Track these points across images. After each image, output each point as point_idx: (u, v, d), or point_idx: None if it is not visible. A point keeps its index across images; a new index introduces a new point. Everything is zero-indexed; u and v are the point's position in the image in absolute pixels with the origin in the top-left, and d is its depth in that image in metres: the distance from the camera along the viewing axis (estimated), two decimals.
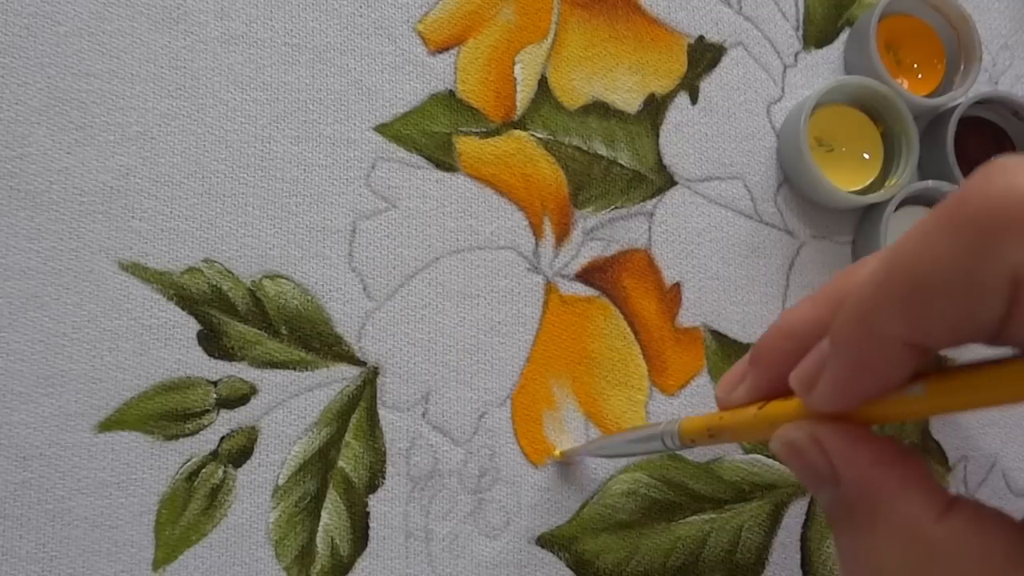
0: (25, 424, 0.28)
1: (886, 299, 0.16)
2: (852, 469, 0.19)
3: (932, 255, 0.15)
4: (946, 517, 0.17)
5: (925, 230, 0.16)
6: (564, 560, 0.30)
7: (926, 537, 0.17)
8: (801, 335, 0.21)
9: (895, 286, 0.16)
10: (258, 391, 0.30)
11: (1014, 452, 0.33)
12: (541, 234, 0.32)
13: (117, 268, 0.29)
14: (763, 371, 0.22)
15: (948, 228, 0.15)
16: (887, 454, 0.19)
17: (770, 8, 0.34)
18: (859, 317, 0.17)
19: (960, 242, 0.15)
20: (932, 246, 0.15)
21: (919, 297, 0.16)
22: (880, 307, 0.17)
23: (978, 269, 0.15)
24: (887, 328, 0.17)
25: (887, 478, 0.18)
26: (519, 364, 0.31)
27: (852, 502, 0.19)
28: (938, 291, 0.15)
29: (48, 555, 0.28)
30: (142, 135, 0.30)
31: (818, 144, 0.32)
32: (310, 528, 0.29)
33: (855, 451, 0.19)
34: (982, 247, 0.15)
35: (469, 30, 0.32)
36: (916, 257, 0.16)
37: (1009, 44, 0.35)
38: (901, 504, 0.18)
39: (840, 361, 0.18)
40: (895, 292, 0.16)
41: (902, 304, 0.16)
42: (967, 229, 0.15)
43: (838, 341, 0.18)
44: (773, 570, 0.31)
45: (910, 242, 0.16)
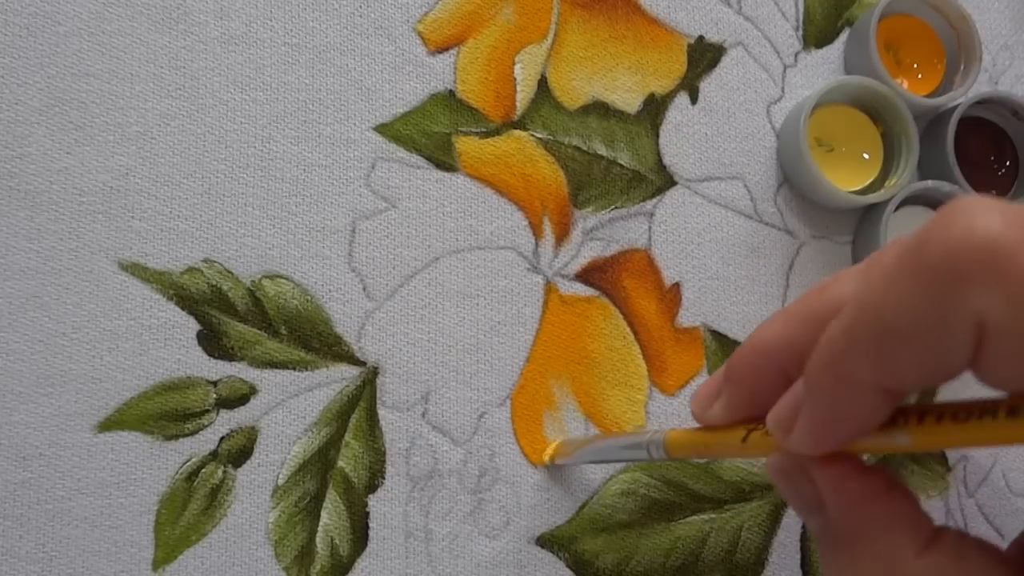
0: (25, 424, 0.28)
1: (855, 345, 0.16)
2: (838, 501, 0.19)
3: (897, 301, 0.15)
4: (927, 552, 0.17)
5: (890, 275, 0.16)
6: (564, 560, 0.30)
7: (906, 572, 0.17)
8: (773, 353, 0.21)
9: (863, 332, 0.16)
10: (258, 391, 0.30)
11: (1014, 452, 0.33)
12: (541, 234, 0.32)
13: (117, 268, 0.30)
14: (737, 388, 0.22)
15: (911, 274, 0.15)
16: (874, 487, 0.19)
17: (770, 8, 0.34)
18: (830, 363, 0.17)
19: (922, 289, 0.15)
20: (896, 292, 0.15)
21: (887, 343, 0.16)
22: (850, 353, 0.17)
23: (942, 316, 0.15)
24: (858, 374, 0.17)
25: (872, 511, 0.18)
26: (519, 364, 0.31)
27: (837, 531, 0.19)
28: (905, 337, 0.15)
29: (48, 555, 0.28)
30: (142, 135, 0.30)
31: (818, 144, 0.32)
32: (310, 528, 0.29)
33: (842, 483, 0.19)
34: (944, 294, 0.15)
35: (469, 30, 0.32)
36: (882, 303, 0.16)
37: (1009, 44, 0.35)
38: (883, 538, 0.18)
39: (814, 406, 0.18)
40: (863, 338, 0.16)
41: (871, 350, 0.16)
42: (928, 276, 0.15)
43: (811, 387, 0.18)
44: (773, 570, 0.31)
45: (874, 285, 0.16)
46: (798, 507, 0.20)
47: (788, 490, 0.20)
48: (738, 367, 0.22)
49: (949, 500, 0.32)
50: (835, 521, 0.19)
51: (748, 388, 0.21)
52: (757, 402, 0.21)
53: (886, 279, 0.16)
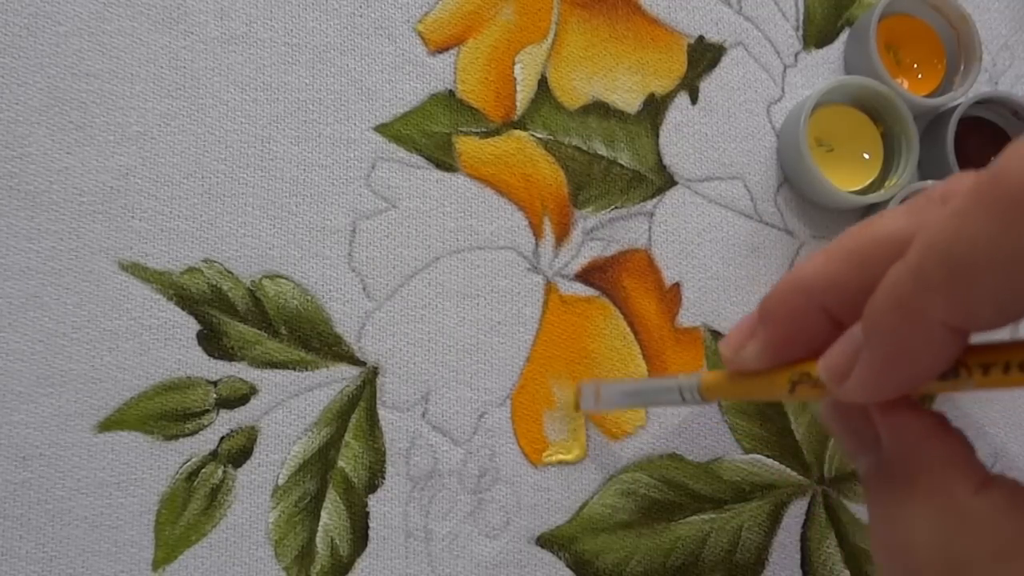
0: (25, 424, 0.28)
1: (925, 283, 0.16)
2: (896, 438, 0.19)
3: (970, 234, 0.15)
4: (984, 491, 0.17)
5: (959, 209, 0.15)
6: (564, 560, 0.30)
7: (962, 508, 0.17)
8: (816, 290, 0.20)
9: (934, 269, 0.16)
10: (258, 391, 0.30)
11: (1014, 452, 0.33)
12: (541, 234, 0.32)
13: (117, 268, 0.30)
14: (775, 329, 0.21)
15: (984, 207, 0.15)
16: (931, 427, 0.19)
17: (770, 8, 0.34)
18: (896, 303, 0.17)
19: (998, 219, 0.15)
20: (969, 225, 0.15)
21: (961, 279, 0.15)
22: (919, 291, 0.16)
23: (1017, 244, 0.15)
24: (928, 313, 0.16)
25: (929, 449, 0.18)
26: (519, 364, 0.31)
27: (891, 469, 0.19)
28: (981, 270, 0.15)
29: (48, 555, 0.28)
30: (142, 135, 0.30)
31: (818, 144, 0.32)
32: (310, 528, 0.29)
33: (900, 420, 0.19)
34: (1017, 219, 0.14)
35: (469, 30, 0.32)
36: (953, 238, 0.15)
37: (1009, 44, 0.35)
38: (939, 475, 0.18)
39: (877, 350, 0.17)
40: (934, 275, 0.16)
41: (944, 287, 0.16)
42: (1004, 207, 0.15)
43: (874, 329, 0.17)
44: (773, 570, 0.31)
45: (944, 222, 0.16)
46: (851, 445, 0.20)
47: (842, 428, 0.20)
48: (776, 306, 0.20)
49: None
50: (891, 460, 0.19)
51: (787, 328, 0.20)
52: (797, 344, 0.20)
53: (956, 214, 0.15)
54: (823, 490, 0.32)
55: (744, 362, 0.21)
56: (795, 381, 0.20)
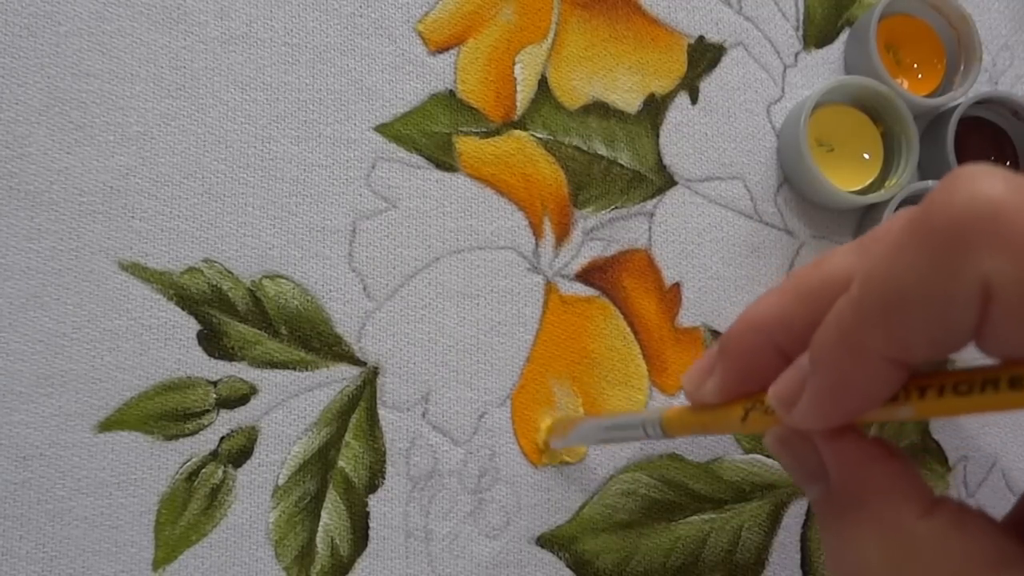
0: (25, 424, 0.28)
1: (865, 317, 0.16)
2: (840, 466, 0.19)
3: (902, 270, 0.16)
4: (929, 516, 0.18)
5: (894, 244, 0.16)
6: (564, 560, 0.30)
7: (909, 533, 0.18)
8: (768, 328, 0.20)
9: (871, 303, 0.16)
10: (258, 391, 0.30)
11: (1014, 452, 0.33)
12: (541, 234, 0.32)
13: (117, 268, 0.29)
14: (731, 364, 0.22)
15: (915, 241, 0.15)
16: (875, 453, 0.19)
17: (770, 8, 0.34)
18: (839, 336, 0.17)
19: (927, 255, 0.15)
20: (902, 260, 0.16)
21: (897, 312, 0.16)
22: (860, 325, 0.17)
23: (949, 281, 0.15)
24: (868, 345, 0.17)
25: (874, 475, 0.19)
26: (519, 364, 0.31)
27: (839, 497, 0.19)
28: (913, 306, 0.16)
29: (48, 555, 0.28)
30: (142, 135, 0.30)
31: (818, 144, 0.32)
32: (310, 528, 0.29)
33: (844, 449, 0.19)
34: (949, 259, 0.15)
35: (469, 30, 0.32)
36: (888, 272, 0.16)
37: (1009, 44, 0.35)
38: (886, 501, 0.18)
39: (821, 380, 0.18)
40: (873, 309, 0.16)
41: (881, 321, 0.16)
42: (933, 242, 0.15)
43: (819, 360, 0.18)
44: (773, 570, 0.31)
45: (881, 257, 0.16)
46: (799, 475, 0.21)
47: (789, 459, 0.21)
48: (732, 343, 0.21)
49: None
50: (837, 487, 0.19)
51: (743, 364, 0.21)
52: (752, 379, 0.21)
53: (892, 249, 0.16)
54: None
55: (703, 397, 0.22)
56: (748, 409, 0.21)
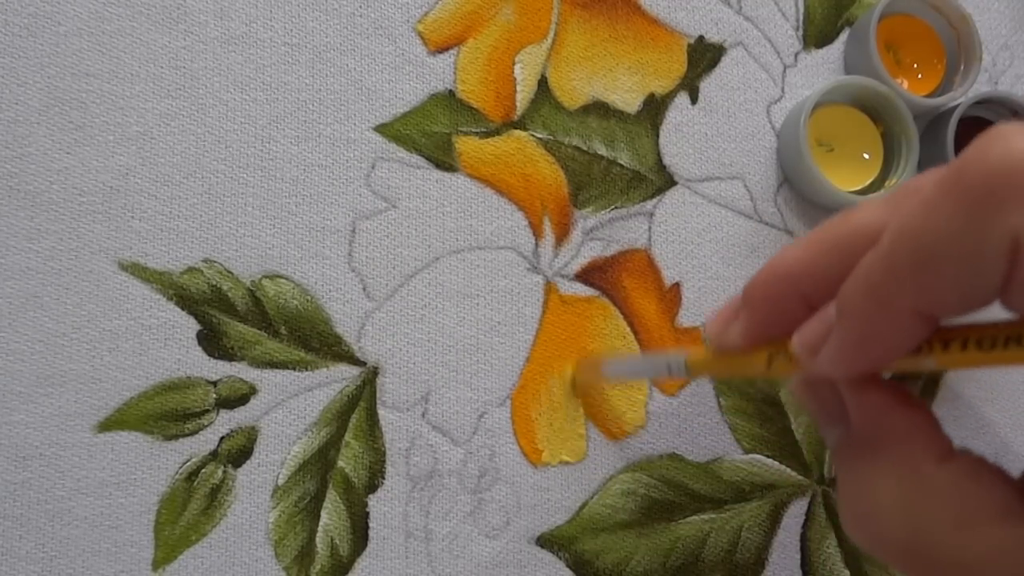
0: (25, 424, 0.28)
1: (894, 270, 0.17)
2: (862, 411, 0.19)
3: (935, 225, 0.16)
4: (947, 463, 0.18)
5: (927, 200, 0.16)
6: (564, 560, 0.30)
7: (925, 478, 0.18)
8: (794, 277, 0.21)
9: (902, 257, 0.17)
10: (258, 391, 0.30)
11: (1014, 452, 0.33)
12: (541, 234, 0.32)
13: (117, 268, 0.30)
14: (756, 312, 0.22)
15: (949, 197, 0.16)
16: (897, 400, 0.19)
17: (770, 8, 0.34)
18: (868, 288, 0.17)
19: (961, 210, 0.15)
20: (935, 216, 0.16)
21: (927, 267, 0.16)
22: (889, 278, 0.17)
23: (980, 235, 0.15)
24: (897, 299, 0.17)
25: (895, 420, 0.19)
26: (519, 364, 0.31)
27: (859, 440, 0.20)
28: (944, 259, 0.16)
29: (48, 555, 0.28)
30: (142, 135, 0.30)
31: (818, 144, 0.32)
32: (310, 528, 0.29)
33: (867, 393, 0.19)
34: (982, 213, 0.15)
35: (469, 30, 0.32)
36: (921, 227, 0.16)
37: (1009, 44, 0.35)
38: (904, 446, 0.19)
39: (847, 330, 0.18)
40: (903, 263, 0.17)
41: (911, 274, 0.16)
42: (967, 197, 0.15)
43: (846, 311, 0.18)
44: (773, 570, 0.31)
45: (913, 212, 0.16)
46: (821, 417, 0.21)
47: (811, 400, 0.21)
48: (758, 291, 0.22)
49: None
50: (858, 431, 0.20)
51: (767, 312, 0.21)
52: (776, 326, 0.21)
53: (925, 205, 0.16)
54: (823, 490, 0.32)
55: (728, 341, 0.23)
56: (772, 355, 0.21)
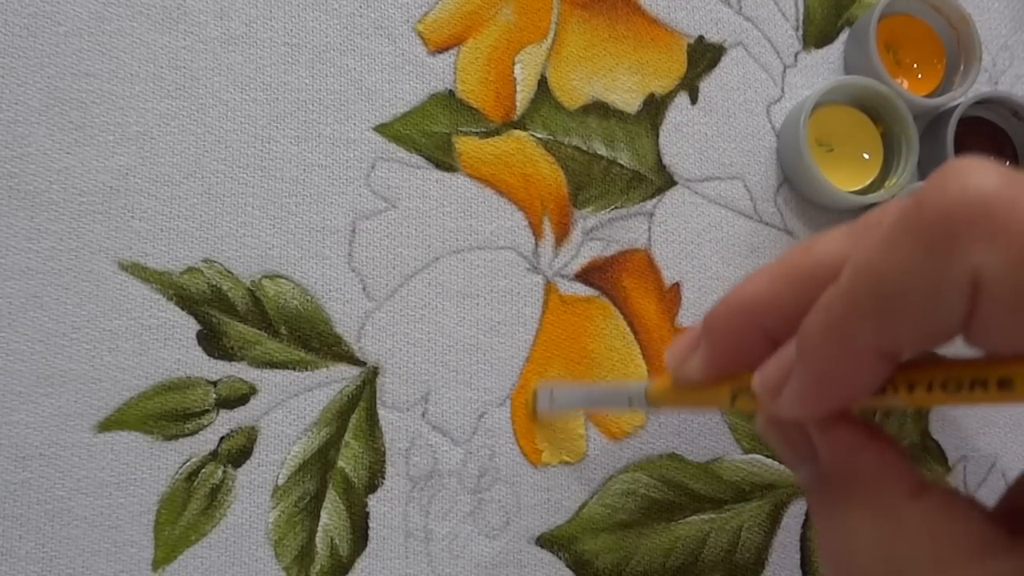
0: (25, 424, 0.28)
1: (854, 308, 0.16)
2: (830, 450, 0.19)
3: (894, 262, 0.16)
4: (919, 499, 0.18)
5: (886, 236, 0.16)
6: (564, 560, 0.30)
7: (898, 516, 0.18)
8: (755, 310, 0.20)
9: (862, 295, 0.16)
10: (258, 391, 0.30)
11: (1014, 452, 0.33)
12: (541, 234, 0.32)
13: (117, 268, 0.30)
14: (716, 344, 0.21)
15: (908, 234, 0.15)
16: (865, 437, 0.19)
17: (770, 8, 0.34)
18: (827, 326, 0.17)
19: (920, 247, 0.15)
20: (894, 253, 0.16)
21: (886, 305, 0.16)
22: (849, 316, 0.17)
23: (939, 273, 0.15)
24: (857, 337, 0.17)
25: (863, 459, 0.19)
26: (519, 364, 0.31)
27: (829, 480, 0.19)
28: (904, 297, 0.16)
29: (48, 555, 0.28)
30: (142, 135, 0.30)
31: (818, 144, 0.32)
32: (310, 528, 0.29)
33: (834, 431, 0.19)
34: (941, 251, 0.15)
35: (469, 30, 0.32)
36: (880, 264, 0.16)
37: (1009, 44, 0.35)
38: (875, 484, 0.18)
39: (808, 370, 0.18)
40: (862, 301, 0.16)
41: (871, 312, 0.16)
42: (926, 234, 0.15)
43: (806, 349, 0.18)
44: (773, 570, 0.31)
45: (873, 248, 0.16)
46: (789, 457, 0.21)
47: (779, 440, 0.21)
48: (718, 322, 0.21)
49: None
50: (828, 469, 0.19)
51: (727, 344, 0.21)
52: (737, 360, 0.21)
53: (884, 242, 0.16)
54: None
55: (687, 374, 0.22)
56: (735, 393, 0.21)
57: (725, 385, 0.21)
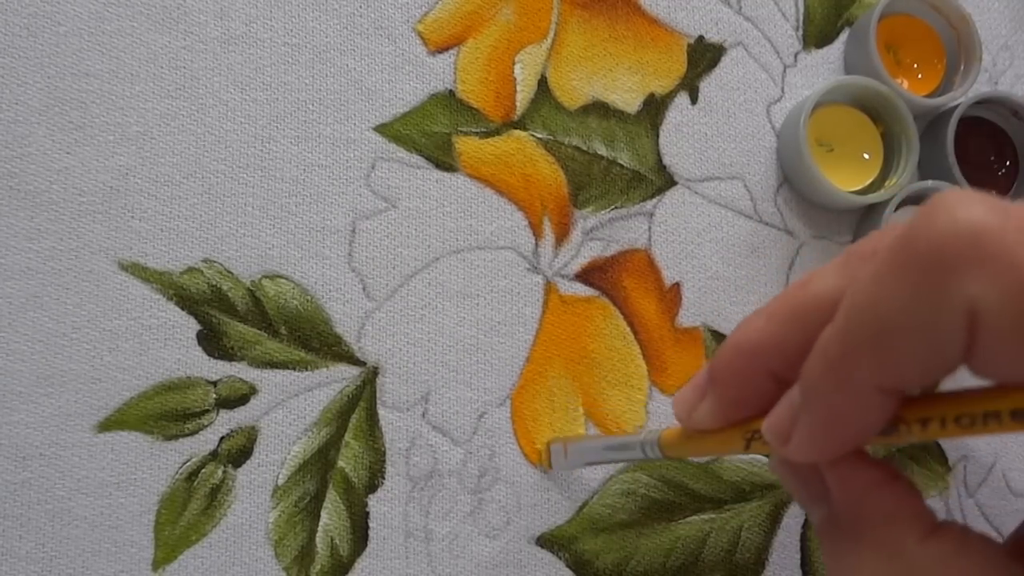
0: (25, 424, 0.28)
1: (852, 348, 0.16)
2: (843, 490, 0.19)
3: (888, 298, 0.16)
4: (931, 540, 0.18)
5: (878, 272, 0.16)
6: (564, 560, 0.30)
7: (909, 557, 0.18)
8: (759, 353, 0.20)
9: (859, 333, 0.16)
10: (258, 391, 0.30)
11: (1014, 452, 0.33)
12: (541, 234, 0.32)
13: (117, 268, 0.30)
14: (723, 391, 0.21)
15: (899, 269, 0.15)
16: (879, 477, 0.19)
17: (770, 8, 0.34)
18: (826, 367, 0.17)
19: (913, 283, 0.15)
20: (887, 289, 0.16)
21: (884, 342, 0.16)
22: (847, 356, 0.17)
23: (935, 307, 0.15)
24: (857, 376, 0.17)
25: (876, 498, 0.19)
26: (519, 364, 0.31)
27: (841, 521, 0.19)
28: (901, 333, 0.16)
29: (48, 555, 0.28)
30: (142, 135, 0.30)
31: (818, 144, 0.32)
32: (310, 528, 0.29)
33: (848, 472, 0.19)
34: (935, 286, 0.15)
35: (469, 30, 0.32)
36: (874, 301, 0.16)
37: (1009, 44, 0.35)
38: (887, 526, 0.18)
39: (813, 413, 0.18)
40: (860, 339, 0.16)
41: (868, 350, 0.16)
42: (917, 268, 0.15)
43: (809, 394, 0.18)
44: (773, 570, 0.31)
45: (866, 285, 0.16)
46: (802, 498, 0.21)
47: (792, 482, 0.21)
48: (723, 369, 0.21)
49: (949, 500, 0.32)
50: (840, 510, 0.19)
51: (734, 389, 0.21)
52: (744, 403, 0.21)
53: (877, 277, 0.16)
54: None
55: (697, 423, 0.22)
56: (748, 438, 0.21)
57: (737, 430, 0.21)
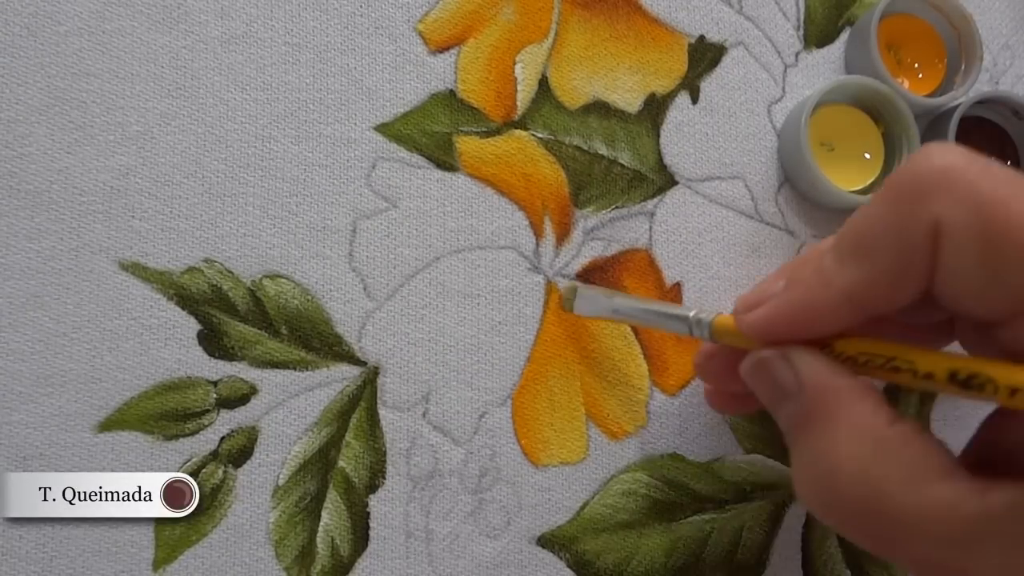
0: (25, 424, 0.28)
1: (837, 251, 0.20)
2: (815, 378, 0.21)
3: (871, 216, 0.20)
4: (898, 422, 0.20)
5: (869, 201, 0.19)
6: (564, 560, 0.30)
7: (879, 435, 0.20)
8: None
9: (843, 242, 0.20)
10: (258, 391, 0.30)
11: None
12: (542, 234, 0.32)
13: (117, 268, 0.29)
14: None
15: (883, 196, 0.20)
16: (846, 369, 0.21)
17: (771, 8, 0.34)
18: (817, 268, 0.21)
19: (890, 203, 0.19)
20: (871, 210, 0.20)
21: (862, 249, 0.20)
22: (834, 260, 0.20)
23: (904, 222, 0.19)
24: (836, 278, 0.20)
25: (847, 383, 0.21)
26: (520, 364, 0.31)
27: (812, 408, 0.21)
28: (877, 245, 0.20)
29: (48, 555, 0.28)
30: (142, 135, 0.30)
31: (819, 144, 0.32)
32: (310, 528, 0.29)
33: (818, 364, 0.21)
34: (907, 204, 0.19)
35: (470, 30, 0.32)
36: (859, 219, 0.20)
37: (1010, 44, 0.35)
38: (858, 407, 0.20)
39: (788, 296, 0.22)
40: (844, 246, 0.20)
41: (850, 255, 0.20)
42: (895, 194, 0.19)
43: (793, 280, 0.21)
44: (774, 570, 0.31)
45: (859, 211, 0.20)
46: (774, 393, 0.22)
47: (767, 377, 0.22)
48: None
49: None
50: (812, 396, 0.21)
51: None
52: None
53: (866, 204, 0.20)
54: None
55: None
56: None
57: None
